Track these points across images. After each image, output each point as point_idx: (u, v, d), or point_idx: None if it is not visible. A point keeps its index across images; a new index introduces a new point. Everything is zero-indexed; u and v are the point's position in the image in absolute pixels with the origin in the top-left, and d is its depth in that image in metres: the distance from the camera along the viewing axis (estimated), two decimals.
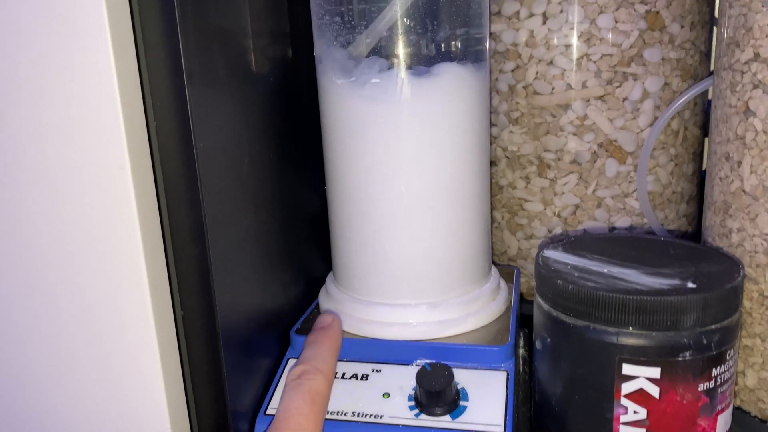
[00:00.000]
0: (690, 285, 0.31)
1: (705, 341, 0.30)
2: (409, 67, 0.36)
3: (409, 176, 0.38)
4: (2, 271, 0.31)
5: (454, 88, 0.37)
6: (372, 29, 0.36)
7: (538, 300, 0.34)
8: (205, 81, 0.31)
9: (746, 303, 0.36)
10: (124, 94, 0.28)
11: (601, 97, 0.46)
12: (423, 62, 0.36)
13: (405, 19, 0.36)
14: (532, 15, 0.46)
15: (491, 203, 0.52)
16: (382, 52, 0.36)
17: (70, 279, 0.30)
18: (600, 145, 0.47)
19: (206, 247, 0.31)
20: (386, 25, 0.36)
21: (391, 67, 0.36)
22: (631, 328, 0.30)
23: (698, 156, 0.51)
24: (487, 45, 0.40)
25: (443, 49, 0.37)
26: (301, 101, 0.43)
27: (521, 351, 0.45)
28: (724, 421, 0.32)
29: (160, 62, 0.29)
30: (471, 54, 0.38)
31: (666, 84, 0.47)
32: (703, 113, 0.51)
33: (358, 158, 0.38)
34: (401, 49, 0.36)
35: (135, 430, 0.31)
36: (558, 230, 0.50)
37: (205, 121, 0.31)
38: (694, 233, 0.52)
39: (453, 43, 0.37)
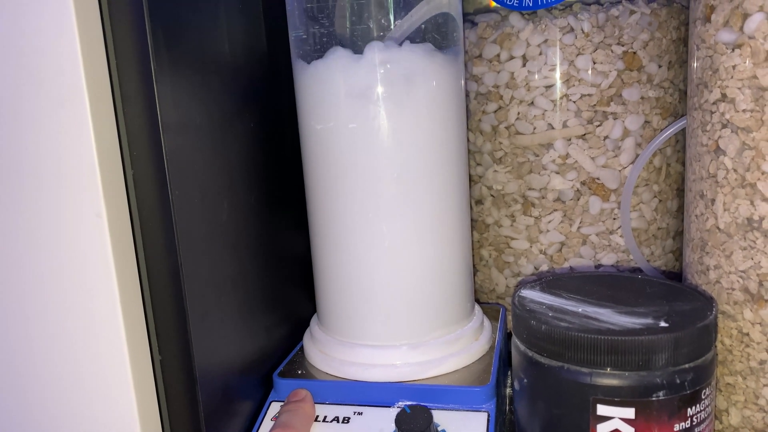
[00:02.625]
0: (662, 324, 0.31)
1: (678, 381, 0.30)
2: (386, 108, 0.37)
3: (389, 219, 0.38)
4: None
5: (431, 129, 0.38)
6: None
7: (515, 340, 0.35)
8: (182, 130, 0.32)
9: (726, 341, 0.36)
10: (101, 143, 0.29)
11: (582, 136, 0.47)
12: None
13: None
14: (512, 57, 0.48)
15: (479, 241, 0.53)
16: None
17: (47, 324, 0.30)
18: (583, 183, 0.48)
19: (182, 293, 0.31)
20: None
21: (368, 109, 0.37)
22: (604, 368, 0.30)
23: (682, 192, 0.52)
24: (463, 71, 0.41)
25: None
26: (284, 143, 0.44)
27: (507, 390, 0.45)
28: None
29: (137, 113, 0.30)
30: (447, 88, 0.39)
31: (646, 122, 0.47)
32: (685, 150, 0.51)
33: (339, 202, 0.39)
34: (379, 89, 0.37)
35: None
36: (544, 267, 0.50)
37: (182, 169, 0.32)
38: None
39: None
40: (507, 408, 0.44)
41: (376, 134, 0.37)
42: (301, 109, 0.39)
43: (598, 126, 0.47)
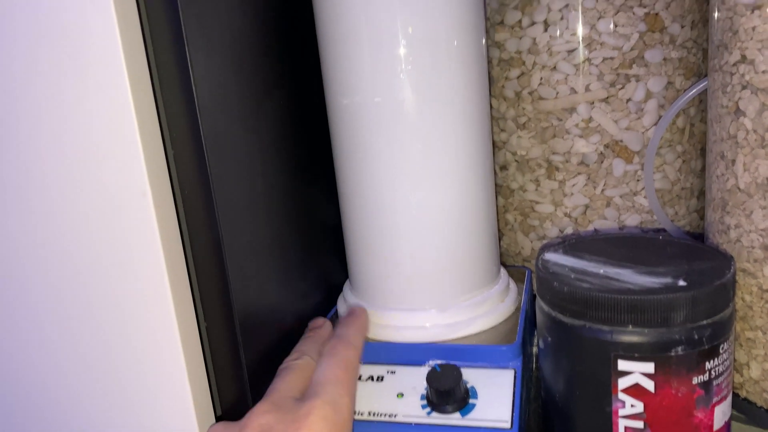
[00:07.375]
0: (681, 283, 0.32)
1: (696, 336, 0.31)
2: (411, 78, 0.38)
3: (417, 186, 0.40)
4: (39, 299, 0.34)
5: (454, 96, 0.39)
6: None
7: (539, 301, 0.36)
8: (217, 110, 0.34)
9: (746, 297, 0.37)
10: (143, 126, 0.31)
11: (604, 100, 0.48)
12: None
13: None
14: (533, 23, 0.48)
15: (504, 206, 0.54)
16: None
17: (101, 299, 0.33)
18: (606, 146, 0.48)
19: (224, 263, 0.34)
20: None
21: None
22: (625, 326, 0.32)
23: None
24: (484, 33, 0.41)
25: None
26: (313, 118, 0.45)
27: (534, 349, 0.47)
28: (722, 412, 0.33)
29: (175, 97, 0.32)
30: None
31: (669, 83, 0.48)
32: None
33: (366, 172, 0.40)
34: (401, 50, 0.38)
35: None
36: (569, 230, 0.51)
37: (219, 147, 0.33)
38: None
39: None
40: (533, 366, 0.46)
41: (401, 106, 0.38)
42: (328, 83, 0.41)
43: (621, 89, 0.47)
